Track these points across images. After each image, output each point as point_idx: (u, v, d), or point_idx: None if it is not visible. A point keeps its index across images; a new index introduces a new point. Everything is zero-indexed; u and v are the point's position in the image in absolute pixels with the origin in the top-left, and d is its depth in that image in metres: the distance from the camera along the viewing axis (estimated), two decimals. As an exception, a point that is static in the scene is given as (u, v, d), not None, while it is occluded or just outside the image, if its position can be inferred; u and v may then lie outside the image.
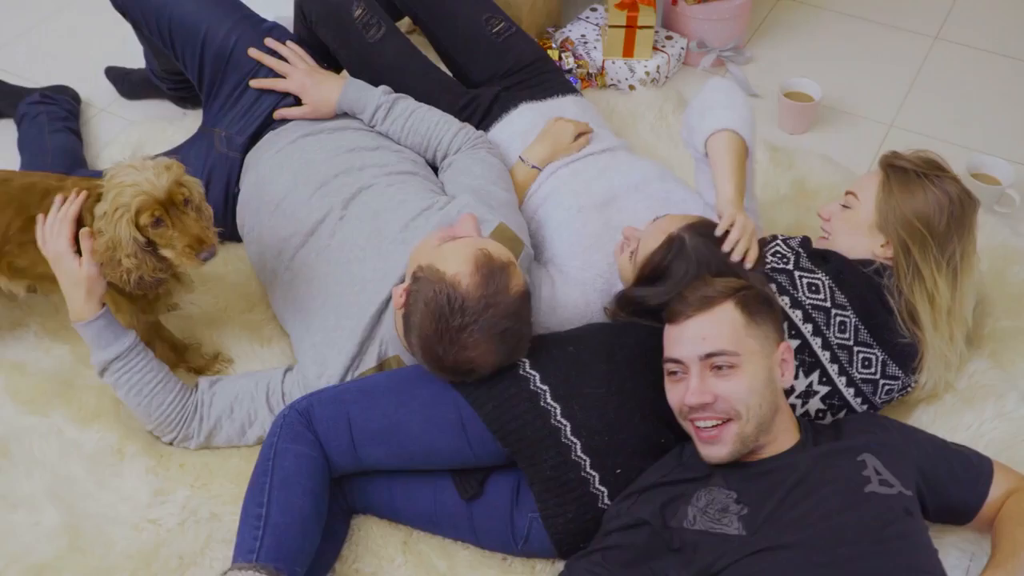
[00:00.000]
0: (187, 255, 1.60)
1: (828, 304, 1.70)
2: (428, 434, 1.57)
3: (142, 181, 1.56)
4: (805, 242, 1.83)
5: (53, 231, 1.63)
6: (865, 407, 1.75)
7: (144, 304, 1.79)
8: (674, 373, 1.52)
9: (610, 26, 2.57)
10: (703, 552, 1.44)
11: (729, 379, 1.46)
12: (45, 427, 1.80)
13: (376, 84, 2.10)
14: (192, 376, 1.91)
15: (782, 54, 2.85)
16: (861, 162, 2.49)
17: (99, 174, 2.13)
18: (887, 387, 1.75)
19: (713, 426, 1.48)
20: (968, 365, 1.92)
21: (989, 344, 1.98)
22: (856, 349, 1.71)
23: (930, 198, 1.73)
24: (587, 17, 2.79)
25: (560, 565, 1.63)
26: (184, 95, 2.55)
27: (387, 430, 1.58)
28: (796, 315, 1.69)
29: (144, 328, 1.82)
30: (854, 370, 1.72)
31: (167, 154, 2.12)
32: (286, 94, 2.09)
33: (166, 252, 1.62)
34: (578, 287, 1.88)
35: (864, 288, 1.73)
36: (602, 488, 1.54)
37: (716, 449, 1.49)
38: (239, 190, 2.08)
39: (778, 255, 1.77)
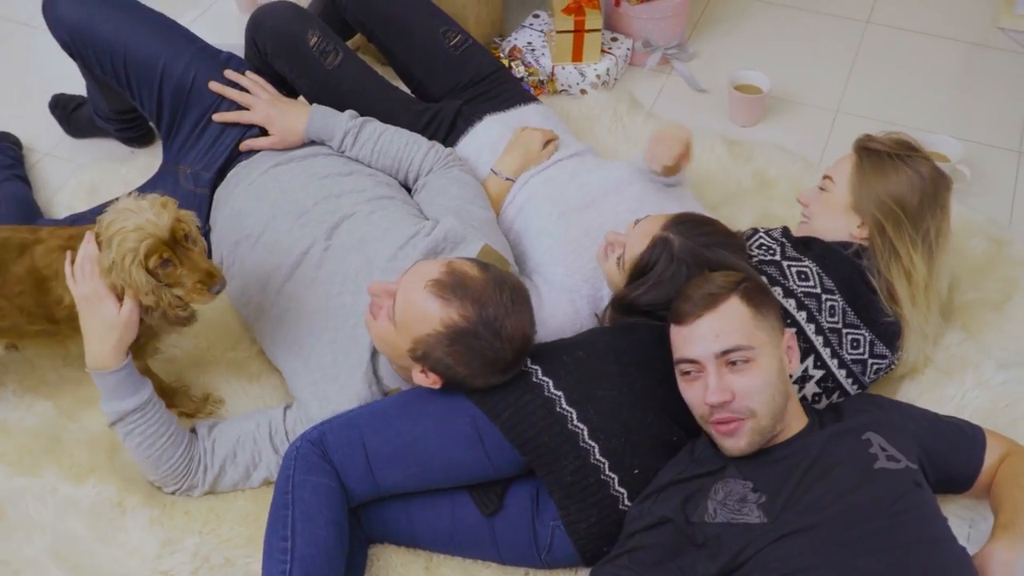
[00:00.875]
0: (198, 291, 1.59)
1: (818, 290, 1.74)
2: (446, 450, 1.57)
3: (144, 223, 1.53)
4: (786, 231, 1.88)
5: (84, 271, 1.58)
6: (856, 387, 1.80)
7: (133, 349, 1.74)
8: (688, 373, 1.55)
9: (558, 32, 2.59)
10: (727, 544, 1.47)
11: (745, 374, 1.50)
12: (38, 487, 1.75)
13: (339, 109, 2.08)
14: (184, 420, 1.87)
15: (722, 48, 2.91)
16: (813, 149, 2.56)
17: (59, 222, 2.09)
18: (875, 366, 1.81)
19: (732, 421, 1.51)
20: (943, 338, 1.99)
21: (959, 317, 2.06)
22: (845, 331, 1.77)
23: (902, 178, 1.78)
24: (531, 24, 2.81)
25: (584, 574, 1.65)
26: (132, 135, 2.49)
27: (403, 450, 1.58)
28: (790, 304, 1.74)
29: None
30: (845, 352, 1.77)
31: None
32: (251, 126, 2.06)
33: (177, 291, 1.60)
34: (565, 294, 1.90)
35: (848, 271, 1.79)
36: (622, 490, 1.56)
37: (735, 441, 1.52)
38: (210, 228, 2.04)
39: (763, 247, 1.81)
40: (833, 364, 1.77)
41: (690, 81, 2.77)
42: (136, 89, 2.07)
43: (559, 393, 1.56)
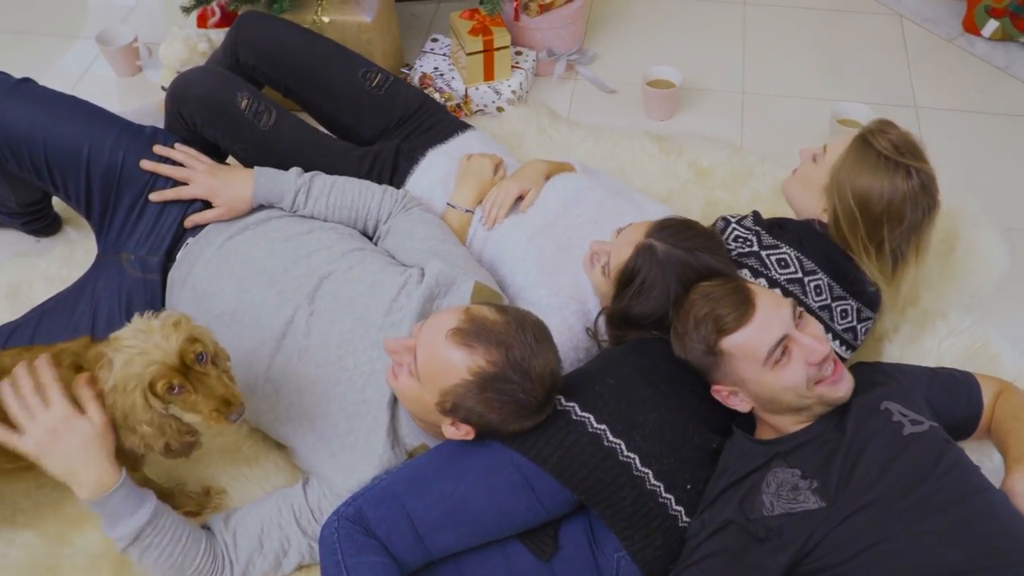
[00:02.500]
0: (215, 419, 1.47)
1: (800, 274, 1.79)
2: (496, 503, 1.53)
3: (151, 347, 1.42)
4: (757, 218, 1.91)
5: (38, 400, 1.45)
6: (848, 352, 1.86)
7: (131, 459, 1.62)
8: (779, 361, 1.55)
9: (468, 54, 2.57)
10: (791, 534, 1.50)
11: (809, 322, 1.58)
12: (50, 626, 1.61)
13: (280, 169, 2.00)
14: (192, 520, 1.75)
15: (617, 46, 2.95)
16: (732, 132, 2.64)
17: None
18: (864, 328, 1.88)
19: (835, 365, 1.57)
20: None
21: (915, 271, 2.16)
22: (834, 305, 1.82)
23: (875, 183, 1.75)
24: (431, 49, 2.78)
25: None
26: (39, 226, 2.32)
27: (452, 512, 1.53)
28: (776, 293, 1.77)
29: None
30: (836, 324, 1.83)
31: (64, 294, 1.95)
32: (192, 200, 1.95)
33: (191, 417, 1.48)
34: (556, 313, 1.89)
35: (824, 247, 1.83)
36: (679, 508, 1.56)
37: (846, 383, 1.59)
38: (169, 314, 1.92)
39: (740, 239, 1.85)
40: (827, 338, 1.82)
41: (598, 84, 2.80)
42: (60, 180, 1.92)
43: (602, 427, 1.54)
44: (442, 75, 2.68)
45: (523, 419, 1.52)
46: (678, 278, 1.67)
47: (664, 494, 1.55)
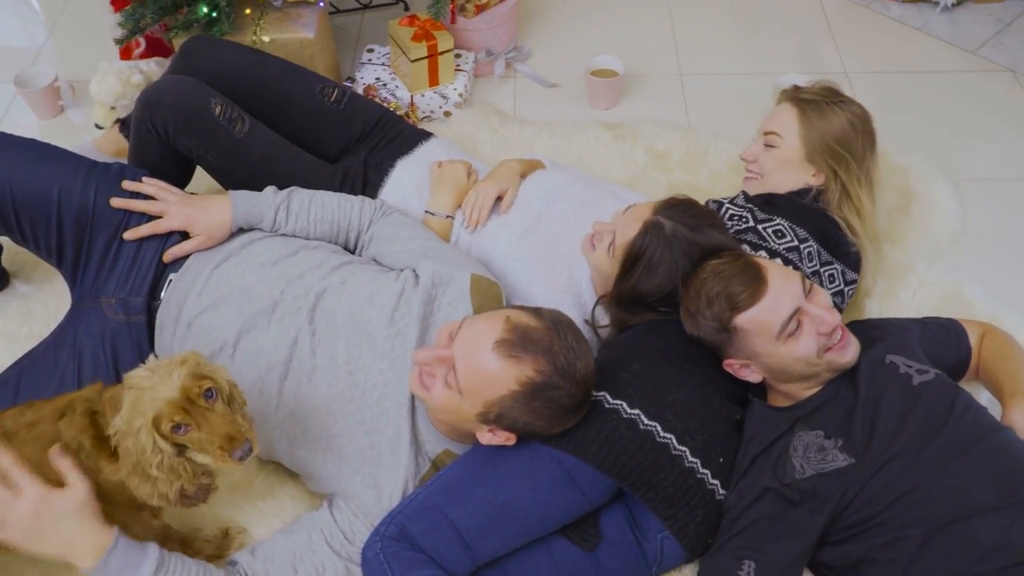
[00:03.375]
0: (221, 458, 1.41)
1: (796, 242, 1.84)
2: (539, 501, 1.53)
3: (156, 384, 1.37)
4: (747, 196, 1.96)
5: (6, 491, 1.38)
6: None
7: (152, 508, 1.56)
8: (792, 333, 1.59)
9: (412, 61, 2.55)
10: (825, 493, 1.55)
11: (818, 291, 1.63)
12: None
13: (252, 178, 1.97)
14: (216, 564, 1.70)
15: (550, 39, 2.98)
16: (678, 114, 2.69)
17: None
18: (850, 291, 1.95)
19: (842, 332, 1.62)
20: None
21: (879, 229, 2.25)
22: (823, 270, 1.89)
23: (844, 122, 1.91)
24: (369, 60, 2.75)
25: (687, 570, 1.67)
26: (-9, 274, 2.22)
27: (496, 515, 1.52)
28: (778, 263, 1.82)
29: (158, 534, 1.59)
30: (825, 287, 1.89)
31: (41, 349, 1.86)
32: (169, 234, 1.88)
33: (201, 458, 1.42)
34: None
35: (814, 216, 1.90)
36: (715, 482, 1.59)
37: (853, 347, 1.64)
38: (157, 356, 1.85)
39: (735, 217, 1.89)
40: None
41: (538, 80, 2.81)
42: (29, 228, 1.83)
43: (636, 412, 1.56)
44: (385, 85, 2.65)
45: (566, 421, 1.53)
46: (686, 255, 1.70)
47: (701, 469, 1.58)
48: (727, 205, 1.94)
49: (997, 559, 1.42)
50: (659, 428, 1.55)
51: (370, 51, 2.78)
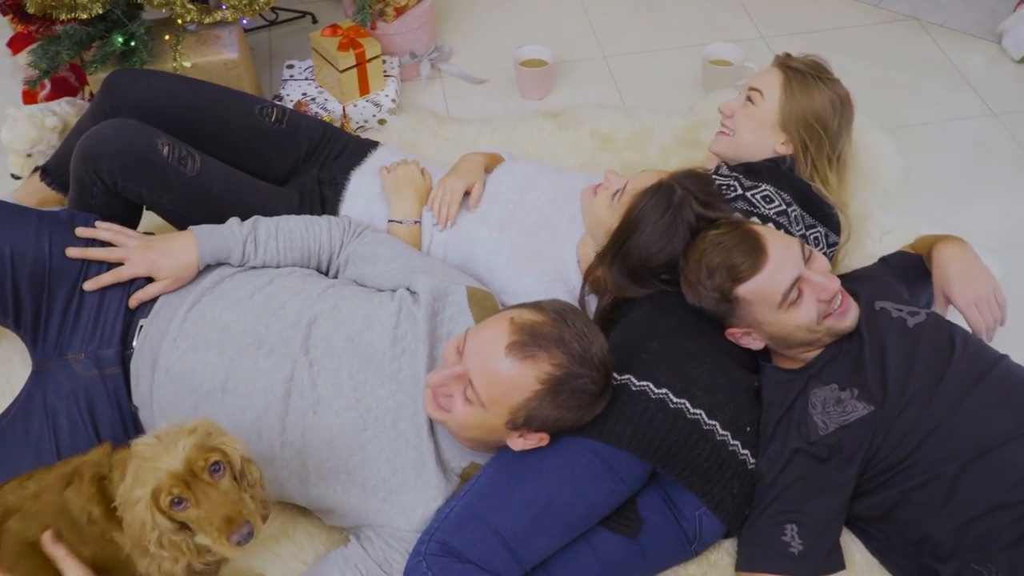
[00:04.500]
0: (218, 540, 1.28)
1: (783, 206, 1.86)
2: (581, 494, 1.51)
3: (159, 453, 1.28)
4: (729, 167, 1.97)
5: None
6: None
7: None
8: (795, 301, 1.60)
9: (342, 71, 2.48)
10: (851, 444, 1.57)
11: (817, 257, 1.64)
12: None
13: (212, 218, 1.85)
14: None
15: (468, 36, 2.94)
16: (612, 96, 2.70)
17: None
18: (831, 254, 1.98)
19: (842, 297, 1.63)
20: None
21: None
22: (808, 233, 1.91)
23: (825, 100, 1.93)
24: (291, 76, 2.66)
25: (727, 544, 1.67)
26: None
27: (540, 515, 1.49)
28: (770, 227, 1.84)
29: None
30: None
31: (8, 419, 1.73)
32: (132, 279, 1.77)
33: (201, 538, 1.31)
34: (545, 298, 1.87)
35: (794, 182, 1.92)
36: (745, 451, 1.60)
37: (853, 311, 1.65)
38: (137, 408, 1.74)
39: (723, 187, 1.90)
40: None
41: (465, 77, 2.78)
42: (-20, 290, 1.70)
43: (663, 391, 1.54)
44: (314, 99, 2.57)
45: (595, 408, 1.51)
46: (690, 226, 1.69)
47: (732, 441, 1.58)
48: (714, 176, 1.95)
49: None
50: (688, 404, 1.54)
51: (290, 67, 2.69)
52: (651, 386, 1.55)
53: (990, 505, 1.48)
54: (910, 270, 1.90)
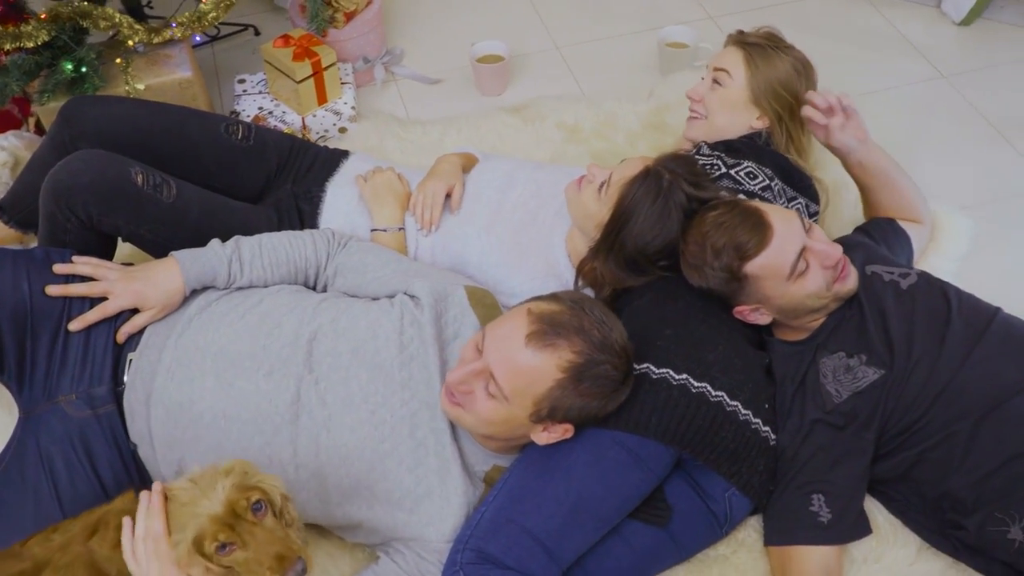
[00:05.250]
0: None
1: (767, 181, 1.88)
2: (612, 487, 1.50)
3: (197, 497, 1.24)
4: (709, 146, 1.97)
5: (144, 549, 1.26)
6: None
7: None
8: (803, 273, 1.62)
9: (299, 81, 2.42)
10: (866, 410, 1.59)
11: (815, 228, 1.66)
12: None
13: (192, 242, 1.79)
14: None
15: (417, 37, 2.91)
16: (571, 86, 2.69)
17: None
18: (814, 222, 2.00)
19: (844, 263, 1.65)
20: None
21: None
22: (791, 205, 1.93)
23: (788, 67, 1.95)
24: (244, 91, 2.59)
25: (752, 521, 1.68)
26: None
27: (573, 512, 1.48)
28: (781, 207, 1.85)
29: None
30: None
31: (1, 464, 1.66)
32: (118, 313, 1.71)
33: None
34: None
35: (773, 157, 1.94)
36: (767, 429, 1.60)
37: (853, 276, 1.67)
38: (136, 445, 1.68)
39: (707, 167, 1.90)
40: None
41: (420, 78, 2.75)
42: (-40, 341, 1.62)
43: (684, 376, 1.54)
44: (271, 113, 2.51)
45: (619, 395, 1.50)
46: (680, 206, 1.69)
47: (753, 419, 1.58)
48: (695, 155, 1.95)
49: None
50: (710, 388, 1.54)
51: (241, 81, 2.62)
52: (671, 372, 1.55)
53: (1007, 456, 1.51)
54: (888, 232, 1.94)
